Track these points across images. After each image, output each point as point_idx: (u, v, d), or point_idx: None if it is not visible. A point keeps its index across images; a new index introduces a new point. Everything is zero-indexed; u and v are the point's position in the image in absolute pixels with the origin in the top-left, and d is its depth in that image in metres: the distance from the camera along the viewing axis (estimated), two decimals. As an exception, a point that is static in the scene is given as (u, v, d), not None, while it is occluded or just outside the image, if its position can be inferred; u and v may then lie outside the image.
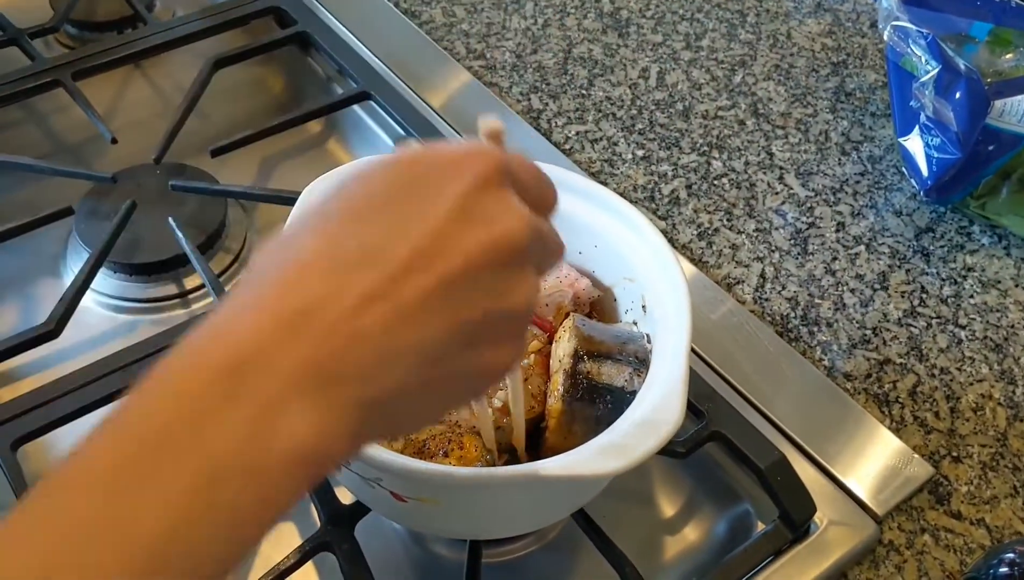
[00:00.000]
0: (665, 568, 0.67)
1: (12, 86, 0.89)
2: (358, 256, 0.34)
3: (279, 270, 0.34)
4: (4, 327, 0.79)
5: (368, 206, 0.35)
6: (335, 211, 0.36)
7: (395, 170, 0.37)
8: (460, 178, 0.36)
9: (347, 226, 0.35)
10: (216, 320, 0.33)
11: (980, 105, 0.77)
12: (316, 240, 0.35)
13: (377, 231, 0.35)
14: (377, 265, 0.34)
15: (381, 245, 0.34)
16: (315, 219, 0.36)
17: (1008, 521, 0.66)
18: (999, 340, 0.77)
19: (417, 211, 0.35)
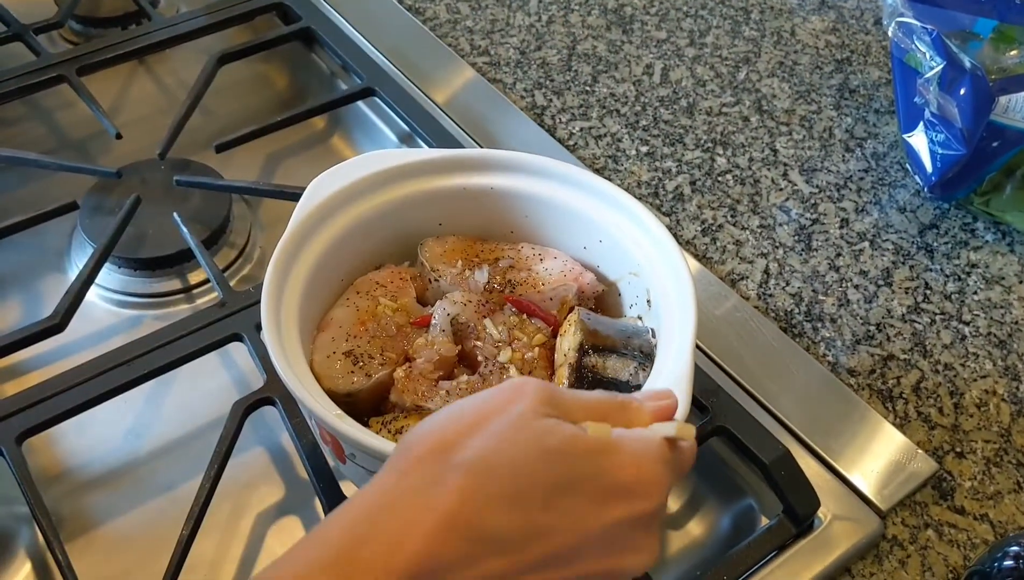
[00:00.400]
0: (669, 562, 0.67)
1: (17, 81, 0.89)
2: (499, 539, 0.36)
3: (434, 519, 0.35)
4: (9, 322, 0.79)
5: (529, 492, 0.36)
6: (497, 479, 0.36)
7: (571, 465, 0.37)
8: (624, 507, 0.38)
9: (502, 503, 0.36)
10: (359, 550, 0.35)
11: (984, 101, 0.77)
12: (471, 499, 0.36)
13: (525, 523, 0.36)
14: (511, 555, 0.36)
15: (523, 539, 0.36)
16: (480, 470, 0.37)
17: (1012, 516, 0.66)
18: (1003, 336, 0.77)
19: (569, 518, 0.37)
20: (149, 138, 0.87)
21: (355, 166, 0.64)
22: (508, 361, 0.60)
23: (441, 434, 0.38)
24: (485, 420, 0.38)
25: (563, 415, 0.40)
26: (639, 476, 0.38)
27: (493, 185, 0.65)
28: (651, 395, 0.45)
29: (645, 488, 0.38)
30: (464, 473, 0.36)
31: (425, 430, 0.39)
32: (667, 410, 0.44)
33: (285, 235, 0.59)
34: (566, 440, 0.37)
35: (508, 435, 0.37)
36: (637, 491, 0.38)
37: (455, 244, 0.66)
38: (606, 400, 0.43)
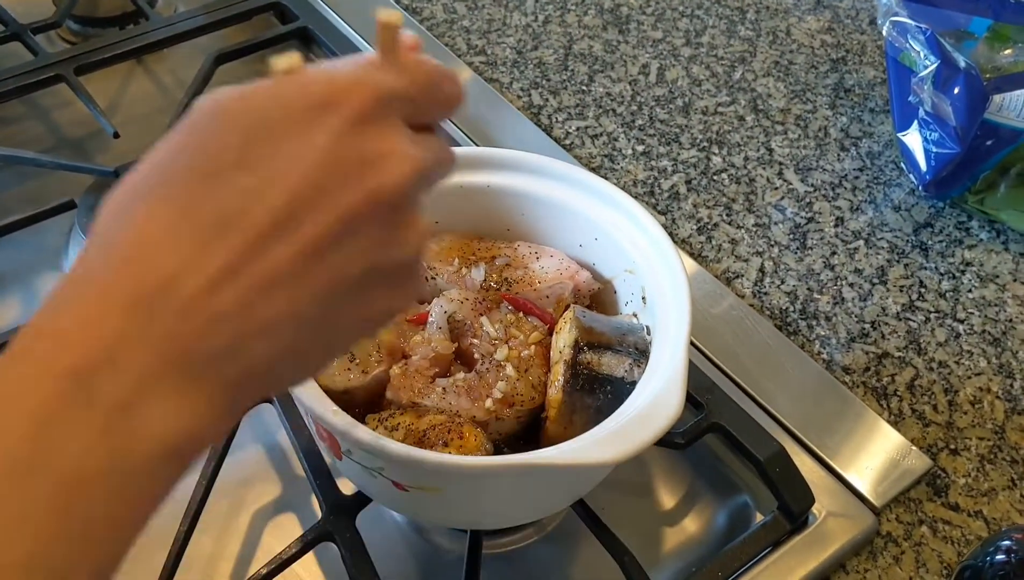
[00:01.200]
0: (664, 559, 0.67)
1: (15, 81, 0.89)
2: (211, 223, 0.30)
3: (123, 243, 0.30)
4: (7, 320, 0.79)
5: (220, 160, 0.30)
6: (183, 169, 0.30)
7: (250, 111, 0.31)
8: (327, 120, 0.31)
9: (197, 187, 0.30)
10: (57, 313, 0.30)
11: (979, 100, 0.77)
12: (163, 205, 0.30)
13: (232, 192, 0.30)
14: (233, 233, 0.30)
15: (237, 209, 0.30)
16: (161, 176, 0.31)
17: (1006, 513, 0.66)
18: (997, 334, 0.77)
19: (278, 165, 0.30)
20: (147, 137, 0.85)
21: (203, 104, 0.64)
22: (504, 359, 0.60)
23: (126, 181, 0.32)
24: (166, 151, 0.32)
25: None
26: (331, 83, 0.32)
27: (490, 183, 0.66)
28: None
29: (345, 87, 0.32)
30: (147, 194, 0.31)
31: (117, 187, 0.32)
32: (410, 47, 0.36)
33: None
34: (236, 92, 0.32)
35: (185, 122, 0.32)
36: (335, 97, 0.31)
37: (452, 242, 0.66)
38: None
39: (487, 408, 0.58)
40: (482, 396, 0.58)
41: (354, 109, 0.32)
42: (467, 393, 0.58)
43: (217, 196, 0.30)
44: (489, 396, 0.58)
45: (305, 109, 0.31)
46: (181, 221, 0.30)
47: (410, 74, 0.35)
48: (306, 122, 0.31)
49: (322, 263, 0.31)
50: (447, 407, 0.57)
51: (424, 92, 0.35)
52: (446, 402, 0.58)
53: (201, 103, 0.32)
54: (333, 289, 0.32)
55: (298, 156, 0.31)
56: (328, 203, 0.31)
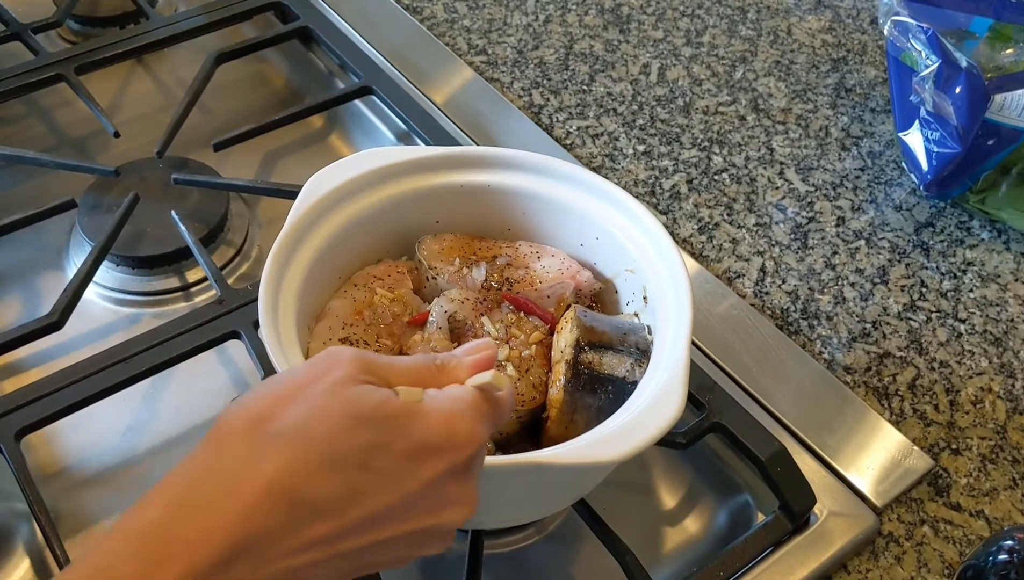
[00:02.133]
0: (666, 558, 0.67)
1: (16, 80, 0.89)
2: (319, 504, 0.37)
3: (251, 489, 0.37)
4: (7, 319, 0.79)
5: (343, 458, 0.38)
6: (315, 444, 0.38)
7: (382, 428, 0.39)
8: (435, 462, 0.40)
9: (319, 469, 0.38)
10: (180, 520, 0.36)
11: (980, 99, 0.77)
12: (289, 470, 0.37)
13: (342, 486, 0.38)
14: (332, 519, 0.38)
15: (342, 503, 0.38)
16: (295, 437, 0.38)
17: (1007, 513, 0.66)
18: (998, 334, 0.77)
19: (385, 482, 0.39)
20: (147, 137, 0.88)
21: (352, 163, 0.64)
22: (505, 359, 0.60)
23: (257, 406, 0.39)
24: (300, 390, 0.39)
25: (380, 381, 0.41)
26: (448, 432, 0.40)
27: (490, 183, 0.66)
28: (469, 349, 0.46)
29: (455, 442, 0.40)
30: (280, 443, 0.37)
31: (242, 403, 0.40)
32: (484, 362, 0.45)
33: (283, 232, 0.60)
34: (377, 405, 0.39)
35: (321, 403, 0.38)
36: (447, 446, 0.40)
37: (453, 242, 0.66)
38: (422, 363, 0.44)
39: (488, 408, 0.58)
40: (483, 395, 0.58)
41: (458, 462, 0.41)
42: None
43: (330, 485, 0.38)
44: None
45: (421, 447, 0.39)
46: (297, 490, 0.37)
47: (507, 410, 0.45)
48: (419, 458, 0.39)
49: (374, 554, 0.40)
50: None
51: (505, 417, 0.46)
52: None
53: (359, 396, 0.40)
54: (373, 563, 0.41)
55: (401, 480, 0.39)
56: (407, 522, 0.40)
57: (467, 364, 0.45)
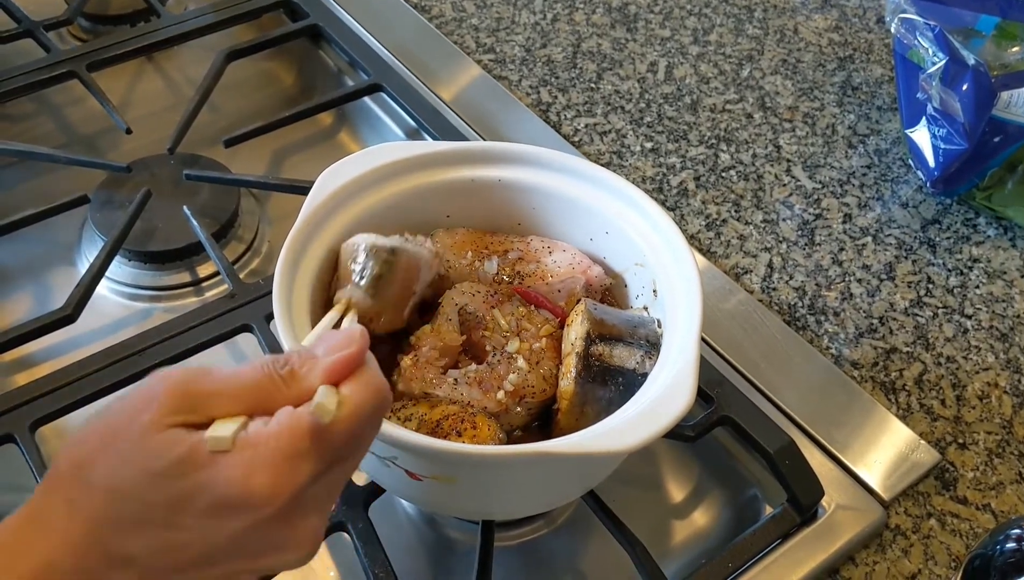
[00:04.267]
0: (674, 551, 0.68)
1: (28, 77, 0.90)
2: (127, 557, 0.38)
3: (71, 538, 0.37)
4: (20, 314, 0.80)
5: (147, 515, 0.37)
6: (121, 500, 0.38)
7: (178, 486, 0.37)
8: (238, 519, 0.38)
9: (126, 524, 0.38)
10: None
11: (986, 96, 0.78)
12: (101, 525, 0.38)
13: (151, 542, 0.38)
14: (138, 569, 0.38)
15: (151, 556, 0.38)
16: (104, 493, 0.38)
17: (1014, 506, 0.67)
18: (1005, 329, 0.77)
19: (190, 533, 0.38)
20: (158, 133, 0.88)
21: (364, 158, 0.65)
22: (516, 351, 0.60)
23: (81, 451, 0.39)
24: (115, 436, 0.38)
25: (198, 411, 0.38)
26: (244, 489, 0.37)
27: (501, 177, 0.66)
28: (332, 346, 0.40)
29: (252, 500, 0.37)
30: (93, 495, 0.38)
31: (70, 446, 0.39)
32: (344, 364, 0.40)
33: (296, 226, 0.60)
34: (175, 461, 0.37)
35: (127, 456, 0.38)
36: (248, 502, 0.37)
37: (465, 236, 0.67)
38: (264, 377, 0.40)
39: (498, 400, 0.58)
40: (493, 388, 0.59)
41: (261, 518, 0.38)
42: (479, 385, 0.59)
43: (137, 539, 0.38)
44: (500, 388, 0.59)
45: (219, 506, 0.37)
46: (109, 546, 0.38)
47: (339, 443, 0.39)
48: (220, 515, 0.38)
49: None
50: (459, 398, 0.58)
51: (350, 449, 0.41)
52: (458, 393, 0.58)
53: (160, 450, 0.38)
54: None
55: (207, 535, 0.38)
56: (222, 564, 0.39)
57: (322, 370, 0.40)
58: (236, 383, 0.39)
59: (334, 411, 0.38)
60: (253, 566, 0.40)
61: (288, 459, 0.38)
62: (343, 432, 0.39)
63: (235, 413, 0.39)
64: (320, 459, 0.39)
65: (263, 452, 0.37)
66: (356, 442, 0.40)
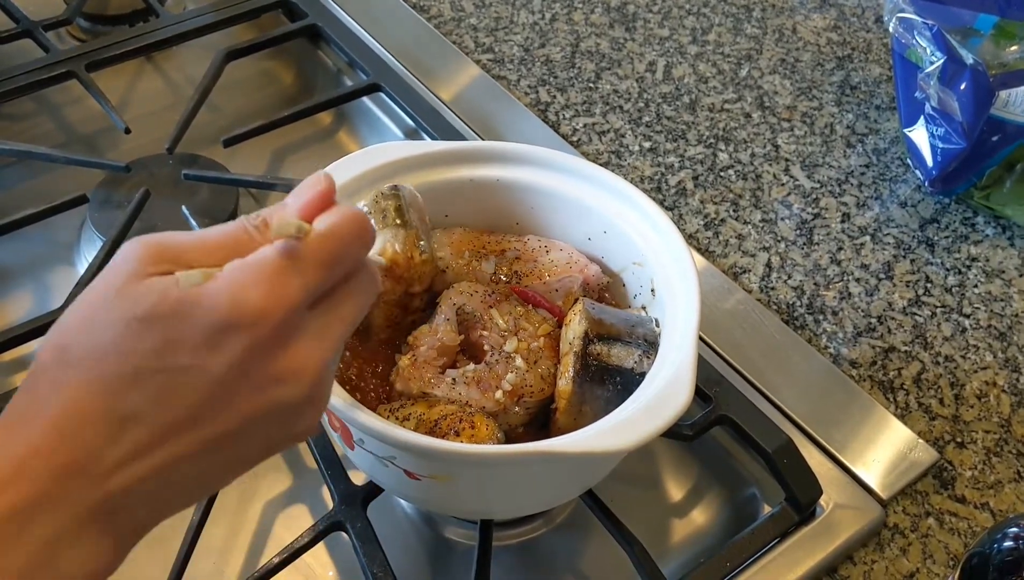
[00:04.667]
0: (672, 550, 0.68)
1: (27, 77, 0.90)
2: (128, 413, 0.36)
3: (56, 414, 0.36)
4: (19, 314, 0.80)
5: (137, 366, 0.36)
6: (109, 362, 0.36)
7: (158, 327, 0.36)
8: (236, 341, 0.36)
9: (119, 382, 0.36)
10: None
11: (985, 95, 0.78)
12: (90, 389, 0.36)
13: (149, 392, 0.36)
14: (147, 424, 0.36)
15: (154, 407, 0.36)
16: (90, 357, 0.36)
17: (1012, 505, 0.67)
18: (1003, 328, 0.77)
19: (188, 378, 0.36)
20: (157, 133, 0.88)
21: (362, 158, 0.65)
22: (514, 350, 0.60)
23: (60, 337, 0.37)
24: (93, 308, 0.37)
25: (174, 262, 0.38)
26: (233, 307, 0.36)
27: (499, 177, 0.66)
28: (298, 191, 0.40)
29: (249, 313, 0.36)
30: (79, 369, 0.36)
31: (49, 337, 0.38)
32: (312, 203, 0.39)
33: (294, 225, 0.60)
34: (156, 302, 0.36)
35: (106, 315, 0.36)
36: (241, 320, 0.36)
37: (462, 235, 0.67)
38: (237, 229, 0.39)
39: (497, 399, 0.58)
40: (492, 387, 0.59)
41: (261, 335, 0.37)
42: (477, 384, 0.59)
43: (135, 394, 0.36)
44: (499, 387, 0.59)
45: (211, 331, 0.36)
46: (105, 408, 0.36)
47: (320, 258, 0.38)
48: (213, 343, 0.36)
49: (221, 451, 0.38)
50: (457, 398, 0.58)
51: (334, 269, 0.39)
52: (456, 393, 0.58)
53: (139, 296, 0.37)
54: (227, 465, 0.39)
55: (204, 370, 0.36)
56: (229, 410, 0.37)
57: (293, 210, 0.39)
58: (211, 236, 0.39)
59: (298, 231, 0.37)
60: (264, 402, 0.38)
61: (273, 275, 0.37)
62: (321, 248, 0.38)
63: (212, 264, 0.38)
64: (305, 274, 0.38)
65: (247, 273, 0.37)
66: (339, 261, 0.39)
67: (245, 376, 0.37)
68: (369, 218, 0.41)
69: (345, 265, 0.40)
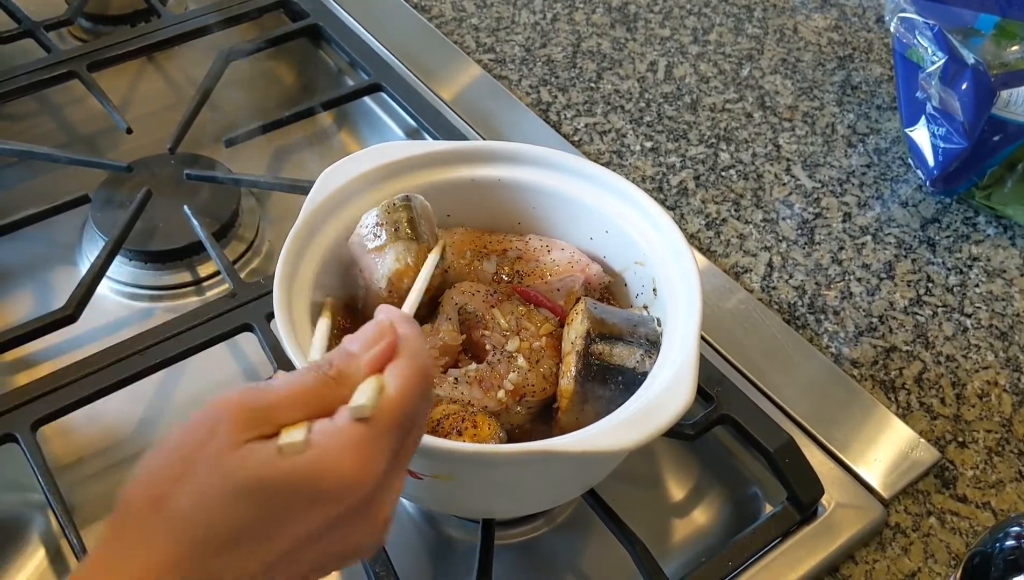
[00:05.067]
0: (674, 549, 0.68)
1: (28, 77, 0.90)
2: (216, 573, 0.38)
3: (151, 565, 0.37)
4: (21, 314, 0.80)
5: (234, 533, 0.38)
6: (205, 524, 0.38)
7: (266, 499, 0.38)
8: (326, 510, 0.39)
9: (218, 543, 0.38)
10: None
11: (986, 95, 0.78)
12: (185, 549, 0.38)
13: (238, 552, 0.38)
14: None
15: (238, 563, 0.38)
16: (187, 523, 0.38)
17: (1013, 504, 0.67)
18: (1004, 328, 0.77)
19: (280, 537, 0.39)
20: (159, 133, 0.88)
21: (364, 158, 0.65)
22: (516, 350, 0.60)
23: (150, 487, 0.39)
24: (189, 464, 0.39)
25: (265, 423, 0.39)
26: (340, 478, 0.39)
27: (501, 177, 0.66)
28: (366, 341, 0.43)
29: (341, 487, 0.39)
30: (172, 530, 0.38)
31: (138, 483, 0.39)
32: (384, 356, 0.42)
33: (296, 225, 0.60)
34: (253, 476, 0.38)
35: (206, 481, 0.38)
36: (334, 493, 0.39)
37: (464, 235, 0.67)
38: (315, 381, 0.41)
39: (499, 399, 0.58)
40: (494, 387, 0.59)
41: (351, 504, 0.39)
42: (479, 384, 0.59)
43: (226, 555, 0.38)
44: (501, 387, 0.59)
45: (307, 501, 0.39)
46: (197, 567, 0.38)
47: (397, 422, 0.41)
48: (310, 510, 0.39)
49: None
50: (459, 397, 0.58)
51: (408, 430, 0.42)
52: (458, 392, 0.58)
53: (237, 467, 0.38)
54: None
55: (298, 533, 0.39)
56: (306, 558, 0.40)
57: (365, 365, 0.42)
58: (293, 391, 0.41)
59: (372, 403, 0.40)
60: (336, 553, 0.41)
61: (368, 443, 0.40)
62: (397, 412, 0.41)
63: (298, 419, 0.40)
64: (387, 438, 0.40)
65: (343, 441, 0.39)
66: (411, 421, 0.42)
67: (328, 536, 0.40)
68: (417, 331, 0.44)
69: (415, 421, 0.43)
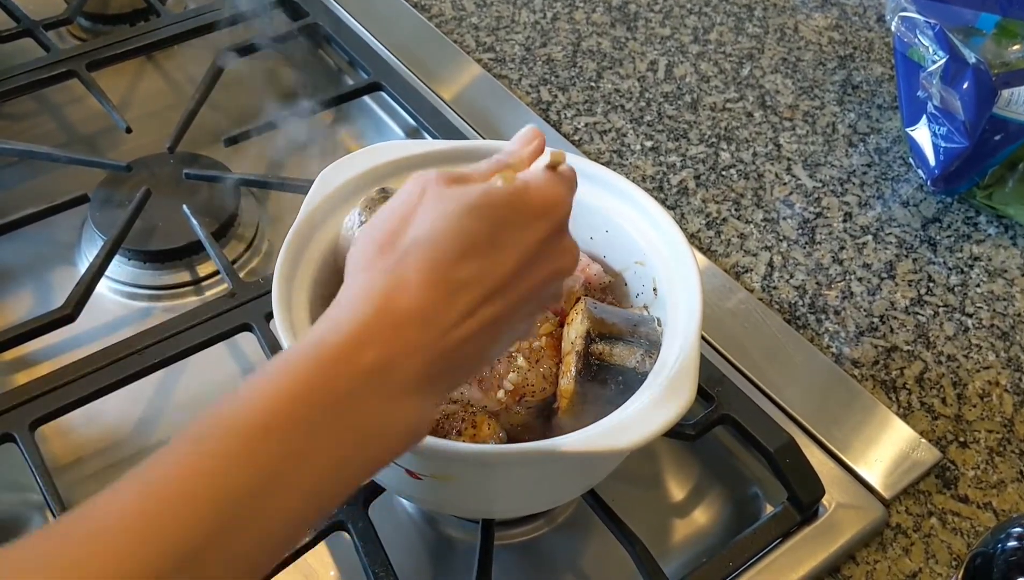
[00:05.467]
0: (674, 550, 0.68)
1: (28, 76, 0.90)
2: (466, 281, 0.44)
3: (399, 285, 0.43)
4: (20, 313, 0.80)
5: (474, 244, 0.44)
6: (445, 240, 0.44)
7: (495, 210, 0.45)
8: (542, 225, 0.46)
9: (457, 257, 0.44)
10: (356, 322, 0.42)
11: (987, 94, 0.78)
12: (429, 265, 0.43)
13: (480, 263, 0.44)
14: (479, 288, 0.44)
15: (482, 274, 0.44)
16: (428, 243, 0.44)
17: (1015, 505, 0.67)
18: (1005, 328, 0.77)
19: (509, 252, 0.45)
20: (158, 132, 0.88)
21: (363, 157, 0.65)
22: (516, 350, 0.60)
23: (381, 236, 0.45)
24: (410, 211, 0.45)
25: (464, 182, 0.47)
26: (545, 199, 0.47)
27: (501, 176, 0.66)
28: (520, 141, 0.51)
29: (552, 206, 0.47)
30: (415, 252, 0.43)
31: (365, 239, 0.45)
32: (538, 149, 0.51)
33: (295, 224, 0.60)
34: (483, 194, 0.45)
35: (436, 209, 0.44)
36: (548, 210, 0.47)
37: (463, 234, 0.66)
38: (495, 164, 0.50)
39: (498, 399, 0.58)
40: (493, 387, 0.59)
41: (558, 221, 0.48)
42: (478, 384, 0.59)
43: (468, 266, 0.44)
44: (500, 387, 0.59)
45: (530, 216, 0.46)
46: (443, 278, 0.43)
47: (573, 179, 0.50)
48: (531, 224, 0.46)
49: (523, 309, 0.47)
50: (459, 397, 0.58)
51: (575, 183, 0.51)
52: (457, 392, 0.58)
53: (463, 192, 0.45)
54: (515, 324, 0.48)
55: (523, 246, 0.46)
56: (532, 276, 0.47)
57: (527, 155, 0.50)
58: (482, 168, 0.49)
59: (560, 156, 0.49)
60: (550, 270, 0.48)
61: (559, 181, 0.48)
62: (571, 173, 0.50)
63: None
64: (570, 189, 0.49)
65: (542, 178, 0.48)
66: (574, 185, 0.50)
67: (545, 250, 0.47)
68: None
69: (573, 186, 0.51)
